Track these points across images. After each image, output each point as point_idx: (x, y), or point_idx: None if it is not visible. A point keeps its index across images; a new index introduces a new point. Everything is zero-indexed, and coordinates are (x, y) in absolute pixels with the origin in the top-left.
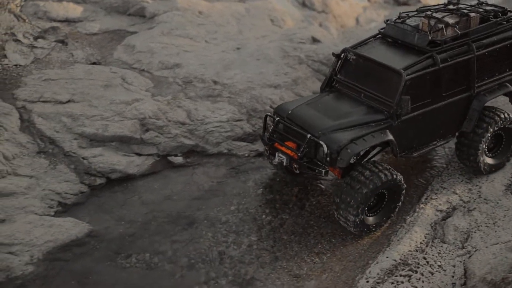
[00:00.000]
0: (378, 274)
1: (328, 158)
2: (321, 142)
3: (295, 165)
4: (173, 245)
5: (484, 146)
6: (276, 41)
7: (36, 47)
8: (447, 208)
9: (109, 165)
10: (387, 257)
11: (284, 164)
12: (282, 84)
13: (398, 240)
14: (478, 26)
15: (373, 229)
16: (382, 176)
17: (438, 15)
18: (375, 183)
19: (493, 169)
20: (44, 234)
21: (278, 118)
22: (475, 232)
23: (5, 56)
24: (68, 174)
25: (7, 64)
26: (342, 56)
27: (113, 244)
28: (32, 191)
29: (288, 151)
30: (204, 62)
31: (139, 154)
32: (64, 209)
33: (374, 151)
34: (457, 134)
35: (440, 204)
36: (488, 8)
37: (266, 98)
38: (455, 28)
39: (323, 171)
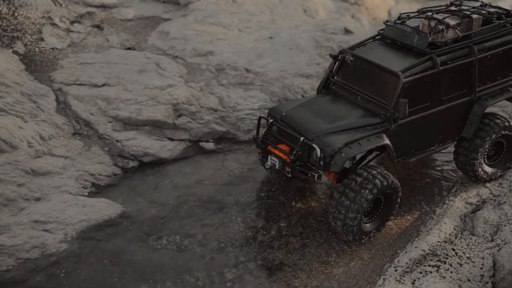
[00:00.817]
0: (406, 263)
1: (321, 162)
2: (314, 146)
3: (287, 169)
4: (204, 228)
5: (483, 153)
6: (308, 31)
7: (72, 31)
8: (477, 201)
9: (142, 148)
10: (416, 247)
11: (277, 167)
12: (314, 74)
13: (427, 231)
14: (480, 28)
15: (372, 235)
16: (376, 185)
17: (439, 16)
18: (368, 193)
19: (491, 177)
20: (78, 214)
21: (271, 120)
22: (504, 225)
23: (42, 39)
24: (102, 156)
25: (44, 47)
26: (339, 57)
27: (144, 225)
28: (67, 171)
29: (281, 154)
30: (237, 50)
31: (171, 139)
32: (98, 190)
33: (371, 156)
34: (456, 139)
35: (470, 197)
36: (492, 10)
37: (297, 88)
38: (456, 30)
39: (316, 175)
